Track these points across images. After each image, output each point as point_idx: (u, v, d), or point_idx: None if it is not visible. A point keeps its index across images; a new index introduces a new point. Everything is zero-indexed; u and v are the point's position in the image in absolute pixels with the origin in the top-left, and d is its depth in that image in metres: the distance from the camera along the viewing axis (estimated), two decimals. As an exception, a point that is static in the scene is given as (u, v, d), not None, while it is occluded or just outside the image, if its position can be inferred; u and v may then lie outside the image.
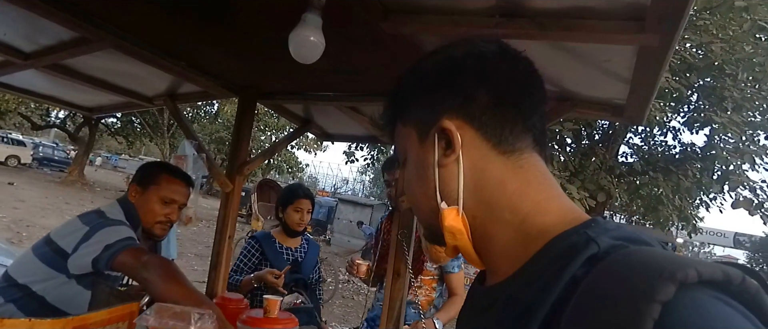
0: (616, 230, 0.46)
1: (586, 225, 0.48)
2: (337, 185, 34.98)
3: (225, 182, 2.29)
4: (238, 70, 2.20)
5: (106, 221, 1.47)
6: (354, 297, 7.96)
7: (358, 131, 2.80)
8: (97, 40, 1.74)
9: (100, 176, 23.32)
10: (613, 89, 1.58)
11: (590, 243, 0.44)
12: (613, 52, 1.32)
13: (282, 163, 22.59)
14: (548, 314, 0.42)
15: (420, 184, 0.58)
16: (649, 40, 1.13)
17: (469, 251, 0.55)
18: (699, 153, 8.17)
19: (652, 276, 0.35)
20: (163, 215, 1.63)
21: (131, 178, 1.71)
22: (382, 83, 1.91)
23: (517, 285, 0.48)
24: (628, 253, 0.41)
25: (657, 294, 0.34)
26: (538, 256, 0.48)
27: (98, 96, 2.66)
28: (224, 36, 1.75)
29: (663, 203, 7.46)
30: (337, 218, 14.71)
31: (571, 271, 0.42)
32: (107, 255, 1.35)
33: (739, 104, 7.04)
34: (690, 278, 0.35)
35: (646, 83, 1.44)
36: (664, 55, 1.21)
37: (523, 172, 0.54)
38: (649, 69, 1.33)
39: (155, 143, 20.31)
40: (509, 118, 0.55)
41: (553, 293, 0.42)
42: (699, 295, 0.35)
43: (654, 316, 0.33)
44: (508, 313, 0.47)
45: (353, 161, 10.07)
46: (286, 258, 2.37)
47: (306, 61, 1.24)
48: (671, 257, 0.38)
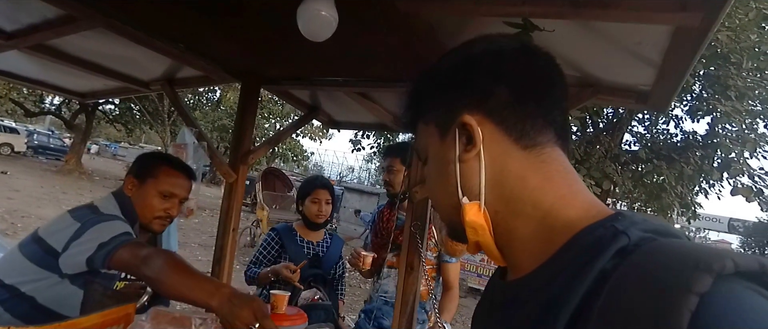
0: (643, 222, 0.45)
1: (612, 218, 0.47)
2: (343, 173, 34.91)
3: (228, 172, 2.21)
4: (241, 54, 2.10)
5: (99, 217, 1.37)
6: (361, 286, 7.93)
7: (366, 119, 2.71)
8: (85, 19, 1.63)
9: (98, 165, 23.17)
10: (640, 75, 1.50)
11: (619, 235, 0.43)
12: (646, 33, 1.23)
13: (287, 151, 22.40)
14: (577, 307, 0.41)
15: (441, 180, 0.58)
16: (690, 19, 1.05)
17: (490, 247, 0.55)
18: (700, 141, 8.16)
19: (688, 267, 0.35)
20: (163, 209, 1.52)
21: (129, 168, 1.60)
22: (394, 67, 1.83)
23: (542, 279, 0.48)
24: (659, 245, 0.40)
25: (694, 285, 0.33)
26: (563, 250, 0.48)
27: (91, 80, 2.56)
28: (226, 17, 1.65)
29: (666, 190, 7.46)
30: (344, 207, 14.65)
31: (600, 264, 0.42)
32: (103, 253, 1.25)
33: (742, 93, 7.01)
34: (727, 269, 0.34)
35: (677, 68, 1.36)
36: (703, 38, 1.13)
37: (544, 166, 0.54)
38: (684, 53, 1.25)
39: (156, 131, 20.07)
40: (530, 113, 0.55)
41: (581, 286, 0.41)
42: (736, 287, 0.34)
43: (691, 308, 0.32)
44: (534, 307, 0.46)
45: (359, 149, 9.95)
46: (307, 252, 2.29)
47: (317, 39, 1.14)
48: (706, 248, 0.37)
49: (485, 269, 8.84)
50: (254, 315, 1.06)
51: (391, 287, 2.19)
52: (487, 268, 8.82)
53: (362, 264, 2.11)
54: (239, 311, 1.06)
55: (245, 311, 1.06)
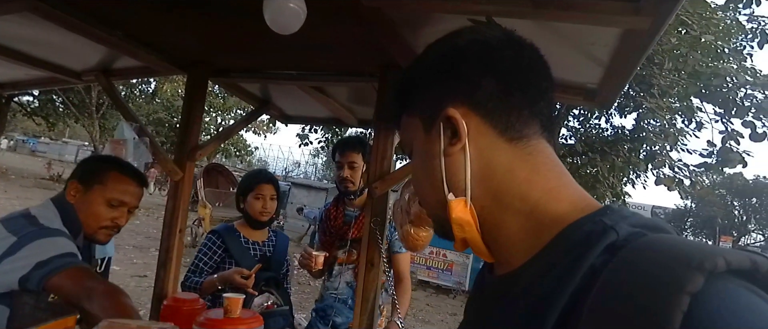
0: (632, 217, 0.45)
1: (601, 212, 0.47)
2: (289, 168, 34.19)
3: (173, 170, 2.07)
4: (188, 44, 1.97)
5: (39, 230, 1.22)
6: (310, 284, 7.82)
7: (319, 113, 2.65)
8: (8, 1, 1.46)
9: (15, 162, 21.16)
10: (590, 74, 1.57)
11: (609, 231, 0.43)
12: (600, 34, 1.29)
13: (229, 146, 21.57)
14: (567, 304, 0.41)
15: (426, 175, 0.57)
16: (640, 22, 1.11)
17: (477, 243, 0.54)
18: (628, 135, 8.83)
19: (680, 265, 0.34)
20: (110, 219, 1.38)
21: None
22: (352, 61, 1.79)
23: (532, 275, 0.47)
24: (649, 241, 0.40)
25: (686, 284, 0.33)
26: (552, 244, 0.47)
27: (12, 69, 2.29)
28: (170, 4, 1.54)
29: (600, 182, 8.00)
30: (290, 203, 14.35)
31: (590, 260, 0.41)
32: (39, 274, 1.12)
33: (664, 91, 7.63)
34: (719, 267, 0.34)
35: (624, 68, 1.44)
36: (651, 40, 1.20)
37: (531, 159, 0.53)
38: (632, 54, 1.32)
39: (82, 125, 18.57)
40: (515, 104, 0.54)
41: (571, 282, 0.41)
42: (728, 286, 0.34)
43: (683, 308, 0.32)
44: (524, 303, 0.46)
45: (307, 144, 9.79)
46: (253, 253, 2.11)
47: (285, 32, 1.10)
48: (696, 245, 0.37)
49: (434, 261, 9.03)
50: None
51: (341, 283, 2.15)
52: (436, 260, 9.02)
53: (314, 264, 2.03)
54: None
55: None
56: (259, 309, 1.93)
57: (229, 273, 1.95)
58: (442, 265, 9.01)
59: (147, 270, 6.54)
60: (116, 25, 1.76)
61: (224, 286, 1.95)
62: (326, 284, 2.24)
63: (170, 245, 2.07)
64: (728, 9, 8.61)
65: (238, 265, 2.02)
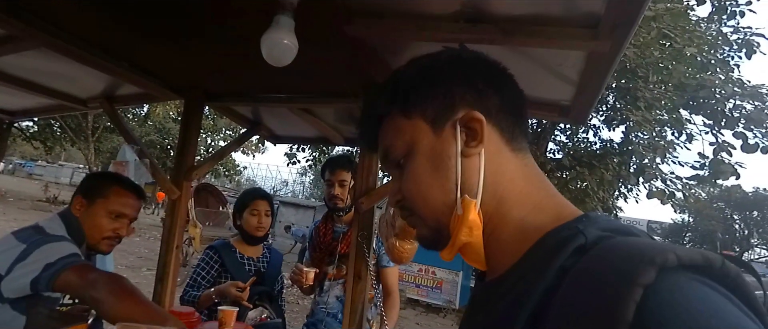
0: (606, 222, 0.48)
1: (577, 220, 0.49)
2: (277, 187, 34.20)
3: (171, 189, 2.16)
4: (184, 71, 2.08)
5: (46, 238, 1.32)
6: (299, 302, 7.81)
7: (307, 132, 2.75)
8: (26, 38, 1.57)
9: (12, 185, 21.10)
10: (562, 91, 1.68)
11: (578, 235, 0.46)
12: (566, 56, 1.40)
13: (219, 166, 21.63)
14: (538, 302, 0.43)
15: (437, 176, 0.56)
16: (601, 46, 1.22)
17: (479, 248, 0.55)
18: (617, 149, 8.90)
19: (634, 261, 0.37)
20: (112, 230, 1.49)
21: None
22: (337, 83, 1.90)
23: (511, 279, 0.50)
24: (614, 243, 0.42)
25: (638, 277, 0.35)
26: (531, 251, 0.50)
27: (23, 98, 2.40)
28: (168, 34, 1.65)
29: (589, 196, 8.03)
30: (279, 221, 14.38)
31: (560, 261, 0.44)
32: (48, 274, 1.21)
33: (650, 104, 7.75)
34: (669, 262, 0.36)
35: (592, 86, 1.55)
36: (612, 61, 1.31)
37: (527, 170, 0.56)
38: (597, 73, 1.43)
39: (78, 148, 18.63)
40: (516, 118, 0.58)
41: (542, 283, 0.43)
42: (679, 278, 0.36)
43: (635, 299, 0.34)
44: (502, 305, 0.48)
45: (295, 162, 9.88)
46: (248, 268, 2.20)
47: (279, 64, 1.20)
48: (653, 244, 0.39)
49: (423, 279, 8.90)
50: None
51: (331, 298, 2.21)
52: (424, 278, 8.89)
53: (305, 280, 2.09)
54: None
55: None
56: (253, 322, 2.00)
57: (226, 286, 2.02)
58: (431, 283, 8.86)
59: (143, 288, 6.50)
60: (120, 56, 1.87)
61: (221, 299, 2.02)
62: (317, 299, 2.30)
63: (168, 260, 2.15)
64: (713, 21, 8.83)
65: (234, 279, 2.09)
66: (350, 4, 1.28)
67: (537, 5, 1.16)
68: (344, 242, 2.18)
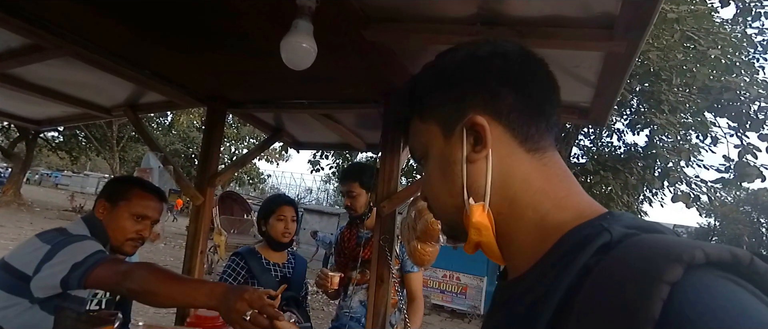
0: (630, 220, 0.47)
1: (601, 218, 0.48)
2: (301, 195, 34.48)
3: (195, 195, 2.21)
4: (206, 79, 2.14)
5: (69, 238, 1.36)
6: (324, 309, 7.84)
7: (329, 138, 2.79)
8: (52, 48, 1.64)
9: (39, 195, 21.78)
10: (580, 93, 1.68)
11: (603, 233, 0.44)
12: (582, 58, 1.40)
13: (243, 174, 21.97)
14: (560, 301, 0.42)
15: (445, 181, 0.57)
16: (616, 47, 1.22)
17: (492, 247, 0.56)
18: (641, 152, 8.76)
19: (661, 258, 0.36)
20: (135, 231, 1.54)
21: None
22: (357, 89, 1.93)
23: (533, 278, 0.49)
24: (639, 240, 0.41)
25: (665, 275, 0.34)
26: (553, 249, 0.49)
27: (49, 107, 2.50)
28: (191, 44, 1.70)
29: (613, 200, 7.91)
30: (303, 229, 14.49)
31: (583, 259, 0.43)
32: (79, 273, 1.24)
33: (674, 107, 7.61)
34: (697, 259, 0.35)
35: (610, 87, 1.55)
36: (629, 62, 1.31)
37: (546, 170, 0.55)
38: (614, 74, 1.43)
39: (103, 158, 19.21)
40: (534, 116, 0.56)
41: (565, 281, 0.43)
42: (707, 276, 0.35)
43: (662, 296, 0.34)
44: (523, 303, 0.47)
45: (318, 170, 9.96)
46: (275, 274, 2.20)
47: (298, 68, 1.23)
48: (680, 241, 0.38)
49: (448, 284, 8.89)
50: (250, 304, 1.14)
51: (355, 303, 2.23)
52: (449, 283, 8.88)
53: (330, 284, 2.11)
54: (235, 304, 1.13)
55: (240, 303, 1.13)
56: None
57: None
58: (456, 289, 8.82)
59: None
60: (143, 65, 1.94)
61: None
62: (341, 303, 2.32)
63: (192, 265, 2.20)
64: (737, 23, 8.64)
65: (261, 286, 2.10)
66: (367, 8, 1.31)
67: (552, 7, 1.17)
68: (368, 247, 2.20)
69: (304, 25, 1.17)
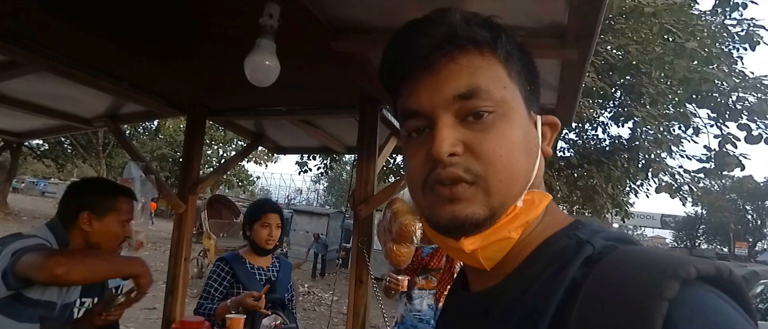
0: (603, 230, 0.47)
1: (573, 227, 0.48)
2: (291, 196, 34.41)
3: (177, 203, 2.25)
4: (185, 89, 2.18)
5: (19, 236, 1.39)
6: (315, 309, 7.89)
7: (311, 143, 2.84)
8: (27, 63, 1.67)
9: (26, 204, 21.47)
10: (545, 96, 1.75)
11: (585, 245, 0.44)
12: (541, 64, 1.47)
13: (232, 177, 21.87)
14: (553, 317, 0.41)
15: (527, 156, 0.50)
16: (569, 54, 1.29)
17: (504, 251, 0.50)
18: (625, 145, 8.88)
19: (657, 274, 0.37)
20: (123, 234, 1.62)
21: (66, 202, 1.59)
22: (333, 95, 1.98)
23: (513, 290, 0.47)
24: (624, 253, 0.42)
25: (664, 291, 0.36)
26: (530, 259, 0.47)
27: (29, 120, 2.52)
28: (168, 55, 1.74)
29: (598, 192, 8.03)
30: (293, 230, 14.46)
31: (571, 273, 0.42)
32: (12, 260, 1.25)
33: (654, 99, 7.73)
34: (691, 275, 0.37)
35: (569, 90, 1.62)
36: (583, 67, 1.38)
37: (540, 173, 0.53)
38: (571, 78, 1.50)
39: (90, 164, 19.02)
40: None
41: (555, 296, 0.42)
42: (699, 291, 0.37)
43: (663, 313, 0.35)
44: (511, 319, 0.45)
45: (306, 170, 10.00)
46: (259, 278, 2.23)
47: (262, 84, 1.28)
48: (668, 255, 0.40)
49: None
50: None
51: (424, 306, 2.45)
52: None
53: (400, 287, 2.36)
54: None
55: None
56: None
57: (241, 297, 2.07)
58: None
59: (156, 302, 6.66)
60: (122, 77, 1.97)
61: (237, 309, 2.07)
62: (408, 306, 2.52)
63: (176, 273, 2.23)
64: (716, 14, 8.79)
65: (246, 289, 2.14)
66: (334, 22, 1.36)
67: (507, 18, 1.23)
68: (436, 258, 2.45)
69: (267, 44, 1.21)
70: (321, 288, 10.37)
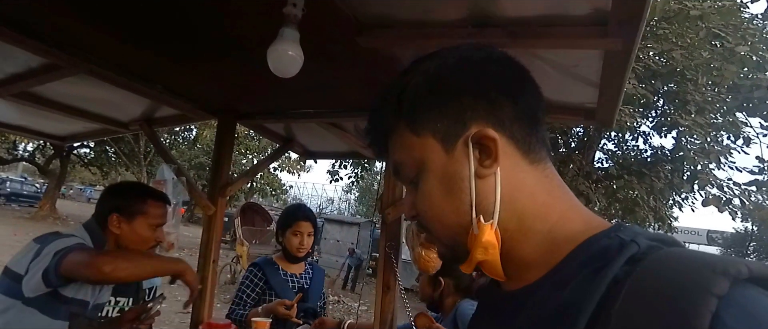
0: (645, 232, 0.46)
1: (615, 229, 0.48)
2: (323, 205, 34.80)
3: (207, 205, 2.26)
4: (216, 93, 2.20)
5: (58, 235, 1.42)
6: (344, 318, 7.85)
7: (340, 148, 2.81)
8: (68, 67, 1.72)
9: (73, 209, 22.58)
10: (584, 94, 1.65)
11: (629, 244, 0.44)
12: (580, 57, 1.38)
13: (265, 186, 22.33)
14: (593, 312, 0.41)
15: (450, 199, 0.52)
16: (612, 44, 1.19)
17: (495, 265, 0.53)
18: (668, 155, 8.49)
19: (707, 271, 0.36)
20: (154, 239, 1.62)
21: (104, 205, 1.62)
22: (361, 97, 1.94)
23: (550, 287, 0.47)
24: (670, 253, 0.41)
25: (713, 287, 0.35)
26: (569, 259, 0.48)
27: (71, 124, 2.62)
28: (199, 59, 1.76)
29: (639, 205, 7.69)
30: (324, 239, 14.56)
31: (614, 270, 0.42)
32: (55, 261, 1.25)
33: (701, 107, 7.36)
34: (742, 274, 0.36)
35: (613, 86, 1.51)
36: (628, 58, 1.27)
37: (548, 181, 0.53)
38: (615, 72, 1.40)
39: (132, 172, 19.87)
40: (532, 126, 0.53)
41: (597, 291, 0.41)
42: (750, 290, 0.36)
43: (711, 309, 0.34)
44: (547, 311, 0.45)
45: (337, 179, 10.06)
46: (292, 285, 2.21)
47: (285, 76, 1.25)
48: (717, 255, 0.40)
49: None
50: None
51: None
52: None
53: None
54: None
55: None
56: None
57: (273, 304, 2.04)
58: None
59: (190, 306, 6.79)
60: (155, 80, 2.01)
61: (268, 317, 2.02)
62: None
63: (205, 275, 2.23)
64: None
65: (278, 296, 2.12)
66: (359, 15, 1.32)
67: (543, 6, 1.15)
68: None
69: (290, 33, 1.18)
70: (351, 297, 10.33)
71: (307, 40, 1.31)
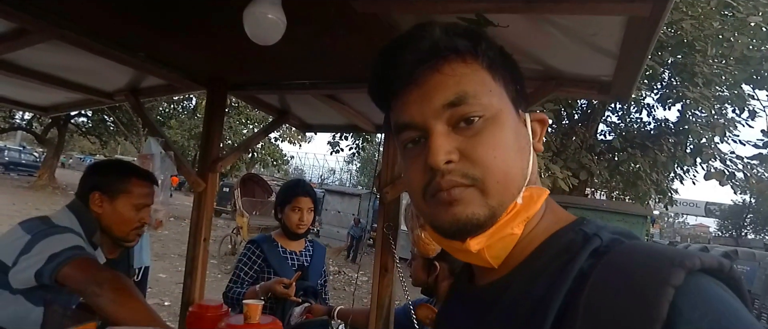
0: (606, 226, 0.49)
1: (578, 223, 0.51)
2: (324, 176, 34.86)
3: (197, 181, 2.16)
4: (204, 62, 2.05)
5: (51, 229, 1.32)
6: (345, 288, 7.91)
7: (338, 120, 2.68)
8: (36, 31, 1.58)
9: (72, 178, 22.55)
10: (600, 66, 1.51)
11: (592, 238, 0.46)
12: (600, 25, 1.24)
13: (266, 156, 22.21)
14: (561, 305, 0.43)
15: (520, 156, 0.52)
16: (639, 9, 1.06)
17: (508, 248, 0.52)
18: (672, 128, 8.39)
19: (665, 264, 0.39)
20: (138, 220, 1.52)
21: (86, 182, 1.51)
22: (358, 68, 1.81)
23: (521, 282, 0.49)
24: (631, 246, 0.44)
25: (671, 279, 0.38)
26: (537, 253, 0.50)
27: (51, 94, 2.48)
28: (183, 25, 1.61)
29: (641, 178, 7.64)
30: (325, 210, 14.59)
31: (579, 264, 0.44)
32: (52, 266, 1.21)
33: (708, 79, 7.21)
34: (696, 266, 0.40)
35: (634, 58, 1.38)
36: (655, 26, 1.14)
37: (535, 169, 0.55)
38: (639, 42, 1.26)
39: (131, 142, 19.74)
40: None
41: (564, 285, 0.43)
42: (702, 281, 0.40)
43: (669, 299, 0.37)
44: (519, 309, 0.47)
45: (338, 151, 9.96)
46: (291, 263, 2.14)
47: (266, 42, 1.12)
48: (672, 249, 0.43)
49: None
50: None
51: None
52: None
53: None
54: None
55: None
56: (299, 318, 1.95)
57: (271, 283, 1.97)
58: None
59: (189, 278, 6.82)
60: (138, 47, 1.86)
61: (266, 295, 1.97)
62: None
63: (196, 254, 2.15)
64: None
65: (277, 274, 2.05)
66: (356, -23, 1.18)
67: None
68: None
69: (271, -6, 1.04)
70: (352, 268, 10.41)
71: (298, 4, 1.18)
